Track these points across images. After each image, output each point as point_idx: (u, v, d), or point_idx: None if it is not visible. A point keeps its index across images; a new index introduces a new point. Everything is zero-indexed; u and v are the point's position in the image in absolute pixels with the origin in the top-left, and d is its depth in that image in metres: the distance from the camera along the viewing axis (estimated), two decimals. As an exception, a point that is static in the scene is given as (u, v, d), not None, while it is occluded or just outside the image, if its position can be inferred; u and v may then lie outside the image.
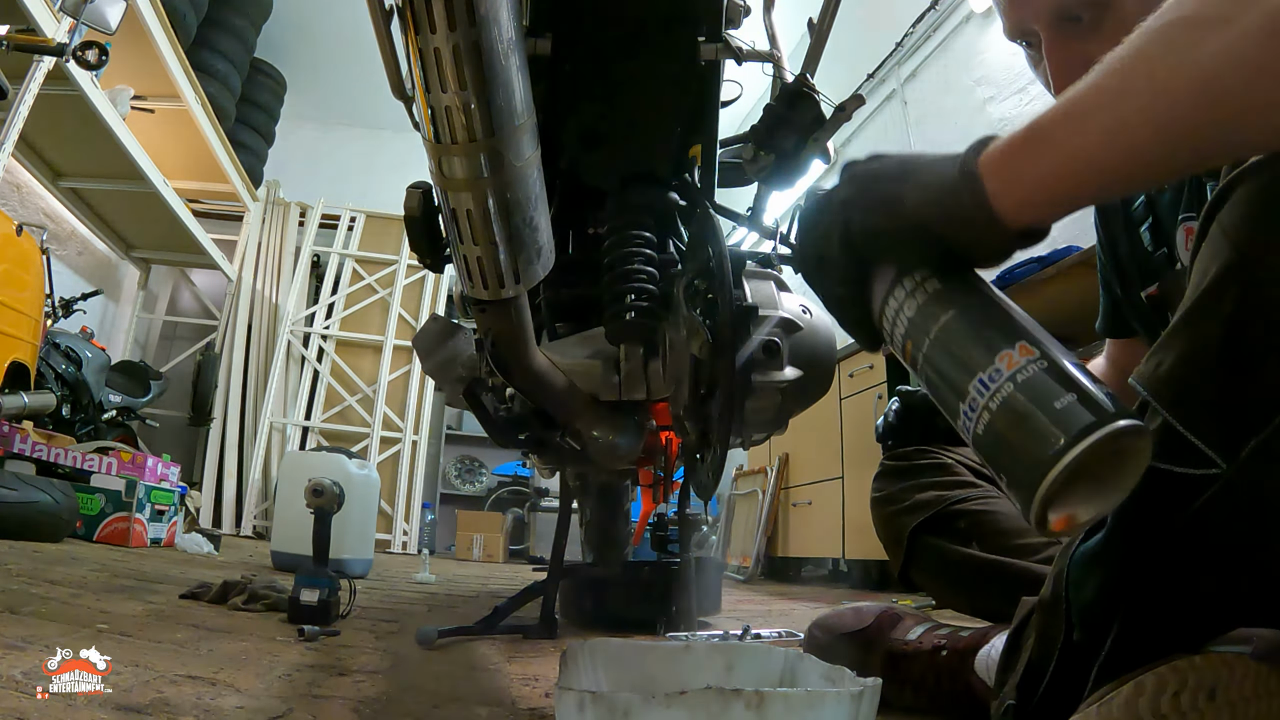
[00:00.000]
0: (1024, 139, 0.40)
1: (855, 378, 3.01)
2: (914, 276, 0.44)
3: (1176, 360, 0.43)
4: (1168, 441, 0.42)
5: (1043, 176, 0.40)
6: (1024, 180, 0.40)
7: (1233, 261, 0.41)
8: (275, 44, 5.07)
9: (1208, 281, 0.42)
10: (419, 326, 3.26)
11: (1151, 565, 0.43)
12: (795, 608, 2.15)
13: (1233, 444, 0.40)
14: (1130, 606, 0.44)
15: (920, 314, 0.42)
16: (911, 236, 0.44)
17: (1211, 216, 0.44)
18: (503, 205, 0.62)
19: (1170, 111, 0.35)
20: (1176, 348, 0.44)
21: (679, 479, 1.46)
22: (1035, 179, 0.40)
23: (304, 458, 3.19)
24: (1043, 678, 0.49)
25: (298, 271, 4.97)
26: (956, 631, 0.78)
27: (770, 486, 3.55)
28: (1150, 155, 0.37)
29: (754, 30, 0.95)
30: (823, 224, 0.48)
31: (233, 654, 0.92)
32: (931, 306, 0.42)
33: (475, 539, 4.53)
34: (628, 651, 0.63)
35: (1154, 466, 0.43)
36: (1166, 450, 0.42)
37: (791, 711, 0.43)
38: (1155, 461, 0.43)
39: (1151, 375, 0.45)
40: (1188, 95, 0.35)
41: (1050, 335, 0.39)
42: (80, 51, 2.13)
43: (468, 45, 0.51)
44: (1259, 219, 0.41)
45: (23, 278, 2.59)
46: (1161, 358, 0.44)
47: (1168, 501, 0.42)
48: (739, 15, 0.92)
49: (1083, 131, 0.38)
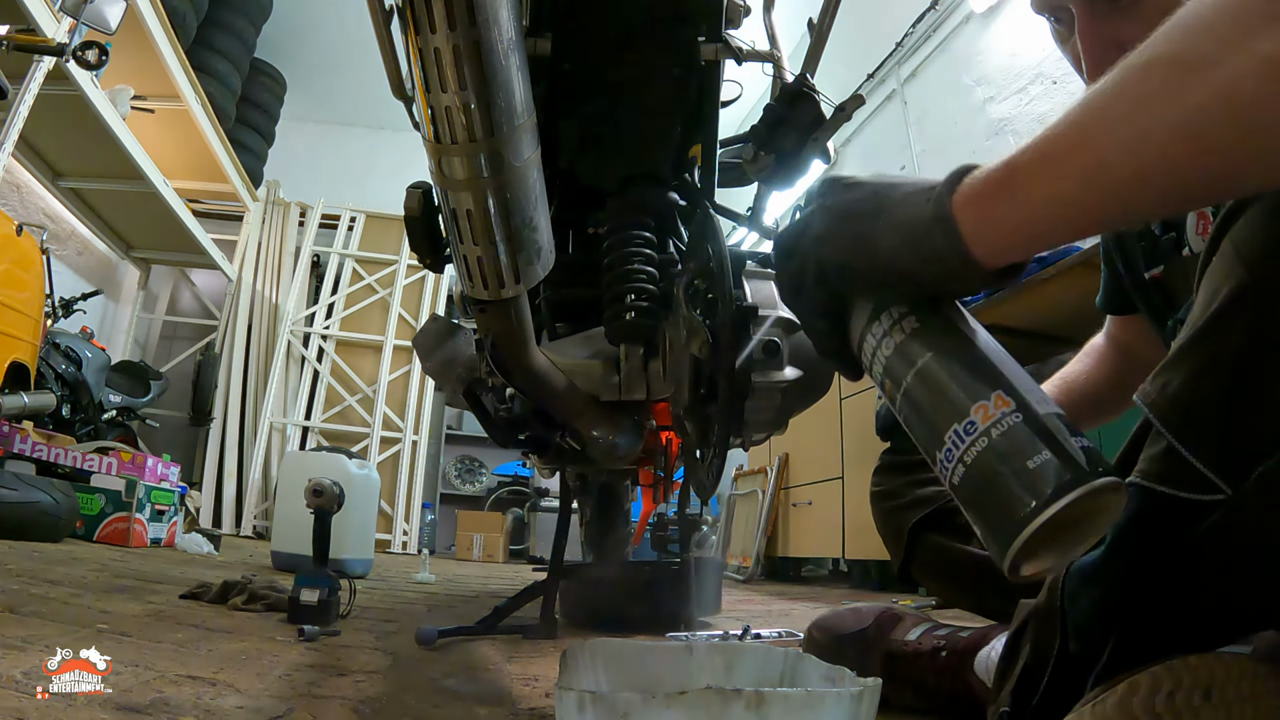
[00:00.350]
0: (1000, 180, 0.39)
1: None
2: (891, 313, 0.43)
3: (1184, 383, 0.43)
4: (1171, 464, 0.42)
5: (1019, 221, 0.38)
6: (1000, 224, 0.39)
7: (1245, 283, 0.41)
8: (275, 44, 5.07)
9: (1219, 303, 0.42)
10: (419, 326, 3.26)
11: (1150, 586, 0.43)
12: (795, 608, 2.15)
13: (1238, 471, 0.39)
14: (1126, 624, 0.44)
15: (897, 354, 0.42)
16: (886, 278, 0.43)
17: (1223, 231, 0.43)
18: (503, 205, 0.62)
19: (1153, 156, 0.34)
20: (1184, 369, 0.43)
21: (679, 479, 1.46)
22: (1012, 224, 0.39)
23: (304, 458, 3.19)
24: (1038, 686, 0.48)
25: (298, 271, 4.97)
26: (956, 632, 0.77)
27: (770, 486, 3.55)
28: (1131, 199, 0.35)
29: (754, 30, 0.95)
30: (797, 258, 0.48)
31: (233, 654, 0.92)
32: (908, 347, 0.42)
33: (475, 539, 4.53)
34: (628, 651, 0.63)
35: (1156, 489, 0.43)
36: (1169, 473, 0.42)
37: (791, 711, 0.43)
38: (1158, 484, 0.43)
39: (1158, 396, 0.44)
40: (1172, 140, 0.33)
41: (1028, 378, 0.39)
42: (80, 51, 2.13)
43: (468, 45, 0.51)
44: (1273, 240, 0.40)
45: (23, 278, 2.59)
46: (1168, 378, 0.44)
47: (1169, 523, 0.42)
48: (739, 15, 0.92)
49: (1061, 174, 0.36)
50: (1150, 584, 0.43)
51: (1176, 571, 0.42)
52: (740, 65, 0.90)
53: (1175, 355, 0.44)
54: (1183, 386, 0.43)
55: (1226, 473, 0.40)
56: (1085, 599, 0.46)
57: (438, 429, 5.25)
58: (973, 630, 0.77)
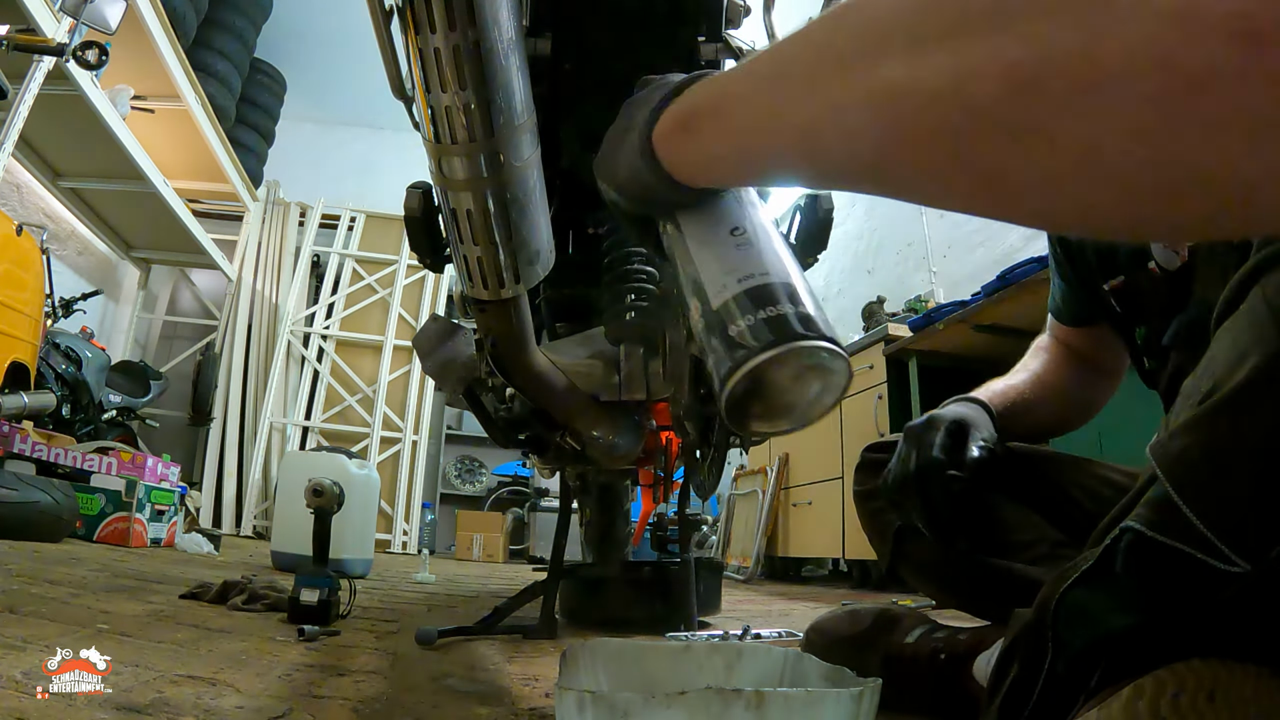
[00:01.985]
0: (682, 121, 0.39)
1: (855, 378, 3.00)
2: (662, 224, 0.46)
3: (1204, 454, 0.41)
4: (1185, 530, 0.41)
5: (702, 160, 0.39)
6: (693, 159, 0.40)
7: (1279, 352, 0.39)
8: (275, 44, 5.07)
9: (1249, 371, 0.40)
10: (419, 326, 3.26)
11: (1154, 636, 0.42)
12: (795, 608, 2.15)
13: (1260, 550, 0.38)
14: (1122, 654, 0.44)
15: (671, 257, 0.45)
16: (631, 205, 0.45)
17: (1250, 282, 0.42)
18: (503, 205, 0.62)
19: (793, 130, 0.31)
20: (1206, 439, 0.41)
21: (679, 479, 1.46)
22: (697, 162, 0.39)
23: (304, 458, 3.19)
24: (1027, 702, 0.48)
25: (298, 271, 4.97)
26: (955, 634, 0.77)
27: (770, 486, 3.55)
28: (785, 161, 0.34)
29: (754, 30, 0.95)
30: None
31: (233, 654, 0.92)
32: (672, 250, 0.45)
33: (475, 539, 4.53)
34: (628, 651, 0.63)
35: (1174, 546, 0.41)
36: (1176, 531, 0.41)
37: (791, 711, 0.43)
38: (1168, 539, 0.41)
39: (1176, 460, 0.42)
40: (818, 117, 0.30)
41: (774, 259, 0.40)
42: (80, 51, 2.13)
43: (468, 45, 0.51)
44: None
45: (23, 278, 2.59)
46: (1186, 444, 0.42)
47: (1189, 582, 0.41)
48: (739, 15, 0.92)
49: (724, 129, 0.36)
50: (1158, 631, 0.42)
51: (1191, 628, 0.42)
52: (740, 65, 0.90)
53: (1196, 422, 0.42)
54: (1204, 457, 0.41)
55: (1247, 552, 0.39)
56: (1078, 634, 0.46)
57: (438, 429, 5.25)
58: (971, 632, 0.77)
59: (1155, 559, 0.42)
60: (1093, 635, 0.45)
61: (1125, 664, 0.43)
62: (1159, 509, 0.42)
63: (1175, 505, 0.41)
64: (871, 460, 0.95)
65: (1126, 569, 0.44)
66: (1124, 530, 0.44)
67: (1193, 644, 0.42)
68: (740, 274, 0.39)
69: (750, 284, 0.38)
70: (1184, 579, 0.41)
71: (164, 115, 3.80)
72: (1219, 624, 0.41)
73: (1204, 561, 0.39)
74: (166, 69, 3.52)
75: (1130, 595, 0.44)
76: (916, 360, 2.67)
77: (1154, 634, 0.42)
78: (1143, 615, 0.43)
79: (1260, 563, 0.38)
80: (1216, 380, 0.42)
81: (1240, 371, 0.40)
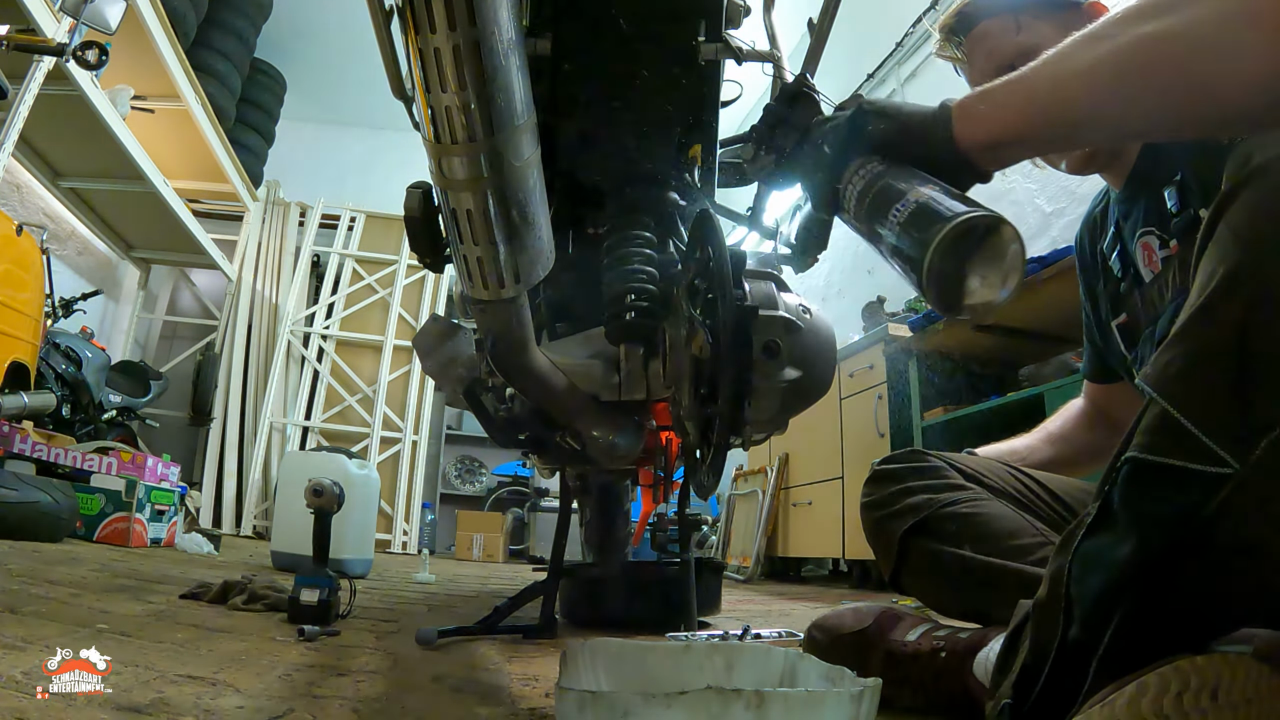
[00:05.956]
0: (982, 93, 0.57)
1: (855, 378, 3.01)
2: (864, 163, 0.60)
3: (1186, 361, 0.44)
4: (1171, 438, 0.43)
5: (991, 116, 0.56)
6: (977, 118, 0.57)
7: (1244, 262, 0.42)
8: (275, 44, 5.07)
9: (1216, 281, 0.43)
10: (419, 326, 3.26)
11: (1161, 561, 0.43)
12: (795, 608, 2.15)
13: (1246, 445, 0.40)
14: (1133, 602, 0.44)
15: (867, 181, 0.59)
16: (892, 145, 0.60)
17: (1218, 217, 0.45)
18: (503, 205, 0.62)
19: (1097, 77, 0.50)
20: (1185, 348, 0.44)
21: (679, 479, 1.46)
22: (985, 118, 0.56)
23: (304, 458, 3.19)
24: (1039, 678, 0.49)
25: (298, 271, 4.97)
26: (955, 633, 0.77)
27: (770, 486, 3.55)
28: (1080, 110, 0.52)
29: (754, 30, 0.95)
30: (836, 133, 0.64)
31: (233, 654, 0.92)
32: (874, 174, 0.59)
33: (475, 539, 4.53)
34: (628, 651, 0.63)
35: (1165, 463, 0.43)
36: (1170, 447, 0.43)
37: (791, 711, 0.43)
38: (1166, 458, 0.43)
39: (1160, 375, 0.45)
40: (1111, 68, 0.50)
41: (948, 191, 0.53)
42: (80, 51, 2.13)
43: (468, 45, 0.51)
44: (1270, 220, 0.41)
45: (23, 278, 2.59)
46: (1170, 357, 0.45)
47: (1179, 497, 0.43)
48: (739, 15, 0.91)
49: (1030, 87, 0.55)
50: (1161, 559, 0.43)
51: (1183, 548, 0.43)
52: (740, 65, 0.90)
53: (1175, 336, 0.45)
54: (1186, 364, 0.44)
55: (1234, 448, 0.40)
56: (1092, 581, 0.47)
57: (438, 429, 5.25)
58: (971, 631, 0.77)
59: (1147, 480, 0.44)
60: (1104, 580, 0.46)
61: (1137, 620, 0.44)
62: (1151, 432, 0.45)
63: (1166, 424, 0.43)
64: (880, 472, 0.98)
65: (1124, 501, 0.46)
66: (1123, 463, 0.46)
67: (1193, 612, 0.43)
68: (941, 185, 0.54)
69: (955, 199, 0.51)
70: (1176, 493, 0.43)
71: (164, 115, 3.80)
72: (1208, 541, 0.42)
73: (1195, 472, 0.42)
74: (166, 69, 3.52)
75: (1129, 524, 0.45)
76: (916, 360, 2.67)
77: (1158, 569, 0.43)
78: (1142, 540, 0.44)
79: (1245, 460, 0.40)
80: (1191, 303, 0.45)
81: (1210, 286, 0.44)
